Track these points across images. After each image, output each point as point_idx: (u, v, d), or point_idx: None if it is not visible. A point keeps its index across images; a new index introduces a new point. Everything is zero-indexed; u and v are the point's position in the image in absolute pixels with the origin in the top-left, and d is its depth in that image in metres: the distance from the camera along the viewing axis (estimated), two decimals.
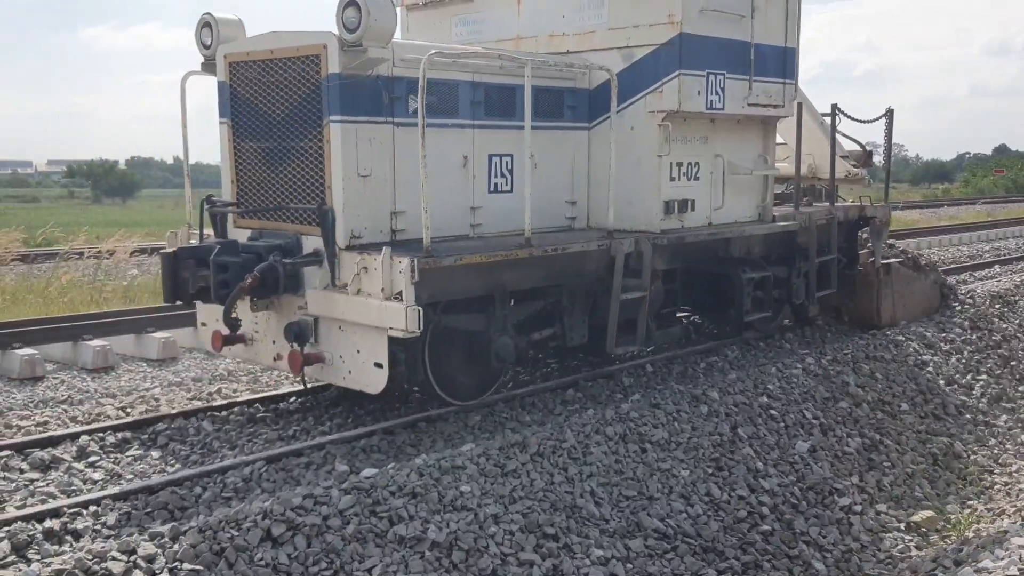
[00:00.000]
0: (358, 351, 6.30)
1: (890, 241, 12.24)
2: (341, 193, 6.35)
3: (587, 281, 7.49)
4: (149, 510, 5.36)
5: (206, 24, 7.27)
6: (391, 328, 5.92)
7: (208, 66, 7.33)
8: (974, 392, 9.44)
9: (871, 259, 10.86)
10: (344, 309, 6.22)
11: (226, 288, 6.39)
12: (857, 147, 11.89)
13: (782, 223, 9.41)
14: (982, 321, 11.34)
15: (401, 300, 5.85)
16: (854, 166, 11.82)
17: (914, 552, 6.37)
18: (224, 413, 7.25)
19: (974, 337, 10.84)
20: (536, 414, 7.23)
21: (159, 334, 9.70)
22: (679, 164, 8.20)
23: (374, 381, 6.25)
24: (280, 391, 7.77)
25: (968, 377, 9.77)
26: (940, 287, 11.94)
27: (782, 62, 8.88)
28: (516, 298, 7.06)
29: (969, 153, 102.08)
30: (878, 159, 12.19)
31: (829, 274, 10.22)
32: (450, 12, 8.92)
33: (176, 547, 4.46)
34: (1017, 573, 4.67)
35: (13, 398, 8.03)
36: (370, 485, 5.19)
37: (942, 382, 9.31)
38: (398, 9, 8.01)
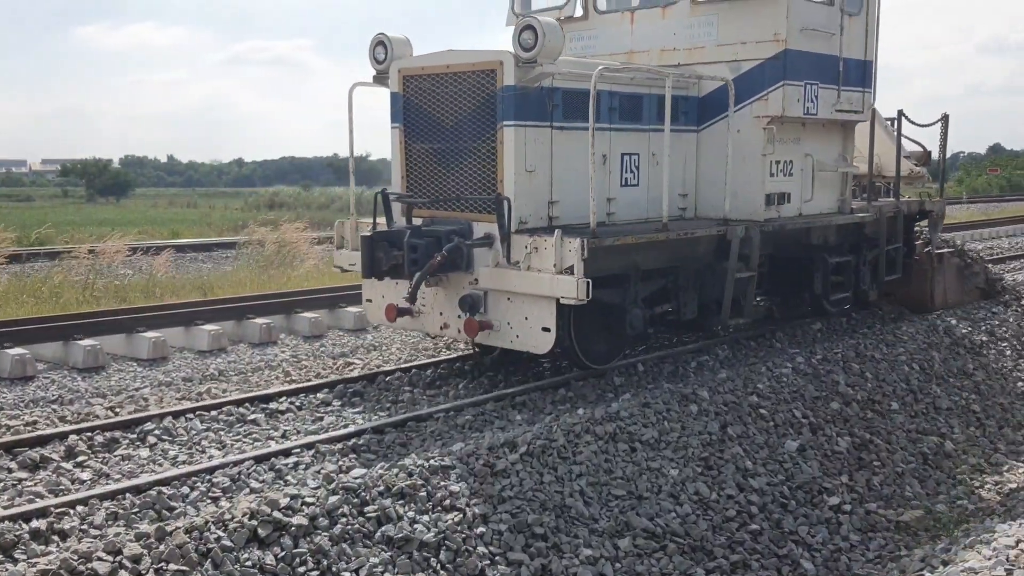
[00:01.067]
0: (526, 318, 7.26)
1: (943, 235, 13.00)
2: (512, 186, 7.30)
3: (699, 263, 8.42)
4: (136, 510, 5.34)
5: (380, 43, 8.06)
6: (563, 297, 6.85)
7: (379, 79, 8.17)
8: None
9: (927, 249, 11.76)
10: (516, 282, 7.16)
11: (416, 265, 7.29)
12: (919, 148, 12.66)
13: (860, 214, 10.44)
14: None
15: (572, 274, 6.78)
16: (915, 165, 12.62)
17: (903, 551, 6.38)
18: (213, 412, 7.23)
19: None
20: (526, 413, 7.23)
21: (150, 334, 9.68)
22: (778, 162, 9.23)
23: (542, 343, 7.23)
24: (270, 391, 7.77)
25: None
26: (987, 277, 12.68)
27: (862, 73, 9.95)
28: (642, 277, 7.85)
29: (963, 152, 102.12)
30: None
31: (894, 261, 11.28)
32: (566, 29, 9.66)
33: (162, 547, 4.45)
34: (1004, 573, 4.67)
35: (3, 397, 8.01)
36: (358, 485, 5.18)
37: (936, 388, 9.32)
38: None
